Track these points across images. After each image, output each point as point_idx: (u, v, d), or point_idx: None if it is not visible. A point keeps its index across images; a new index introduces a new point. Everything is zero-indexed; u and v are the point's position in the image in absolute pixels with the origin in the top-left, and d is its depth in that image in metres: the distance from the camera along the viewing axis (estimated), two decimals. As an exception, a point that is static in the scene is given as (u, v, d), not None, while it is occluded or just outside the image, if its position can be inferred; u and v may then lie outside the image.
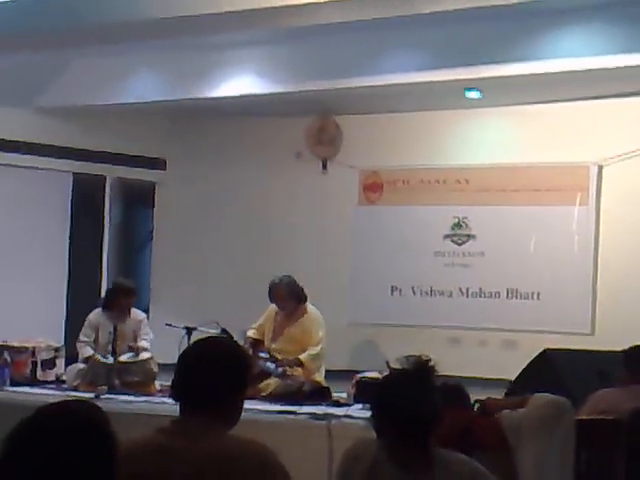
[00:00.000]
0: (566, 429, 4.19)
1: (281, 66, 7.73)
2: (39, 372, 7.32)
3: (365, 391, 6.07)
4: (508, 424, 4.00)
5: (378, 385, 3.05)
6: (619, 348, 5.10)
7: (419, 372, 2.92)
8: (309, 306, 7.12)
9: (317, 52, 7.52)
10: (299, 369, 6.93)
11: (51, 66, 8.32)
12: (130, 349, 7.21)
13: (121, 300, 7.30)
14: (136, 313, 7.50)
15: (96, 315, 7.41)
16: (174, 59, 7.99)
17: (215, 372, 2.68)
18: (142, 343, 7.34)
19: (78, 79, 8.31)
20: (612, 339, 6.47)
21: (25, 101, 8.46)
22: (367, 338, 8.50)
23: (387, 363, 3.06)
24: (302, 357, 6.92)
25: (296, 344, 7.02)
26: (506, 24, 6.84)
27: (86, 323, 7.41)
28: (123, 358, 7.17)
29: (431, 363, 2.95)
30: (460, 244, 8.34)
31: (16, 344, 7.32)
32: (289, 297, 7.04)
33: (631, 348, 4.97)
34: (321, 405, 6.34)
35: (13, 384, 6.99)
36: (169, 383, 2.81)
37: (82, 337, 7.35)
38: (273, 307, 7.21)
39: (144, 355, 7.24)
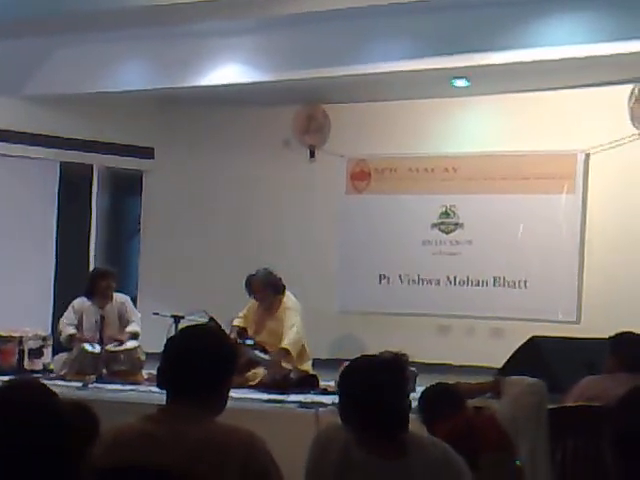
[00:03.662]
0: (545, 412, 4.22)
1: (269, 54, 7.71)
2: (26, 361, 7.32)
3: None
4: (503, 418, 4.00)
5: (342, 371, 3.02)
6: (605, 336, 5.12)
7: (385, 359, 2.90)
8: (286, 297, 7.11)
9: (305, 40, 7.50)
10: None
11: (38, 54, 8.27)
12: (115, 341, 7.20)
13: (100, 283, 7.31)
14: (118, 296, 7.51)
15: (80, 302, 7.43)
16: (162, 47, 7.95)
17: (201, 360, 2.68)
18: (131, 327, 7.34)
19: (65, 67, 8.26)
20: (598, 327, 6.49)
21: (12, 89, 8.41)
22: (355, 326, 8.51)
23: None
24: (285, 345, 6.89)
25: (277, 338, 7.02)
26: (494, 12, 6.83)
27: (70, 308, 7.44)
28: (110, 347, 7.17)
29: (404, 357, 2.92)
30: (448, 233, 8.35)
31: (3, 333, 7.32)
32: (265, 288, 7.06)
33: (617, 335, 4.98)
34: (309, 393, 6.36)
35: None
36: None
37: (64, 320, 7.37)
38: (254, 300, 7.22)
39: (131, 344, 7.24)
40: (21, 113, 8.53)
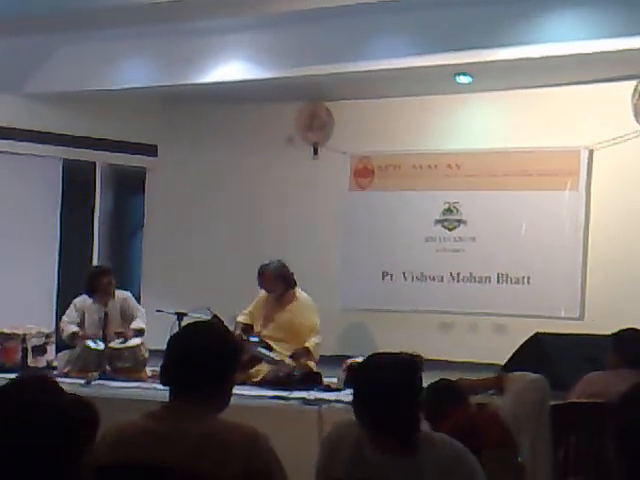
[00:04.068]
0: (547, 409, 4.22)
1: (272, 52, 7.71)
2: (30, 358, 7.32)
3: (356, 376, 6.07)
4: (505, 414, 4.00)
5: (358, 367, 3.02)
6: (608, 332, 5.12)
7: (400, 359, 2.89)
8: (299, 292, 7.13)
9: (309, 37, 7.50)
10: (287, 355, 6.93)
11: (40, 52, 8.27)
12: (118, 335, 7.21)
13: (102, 280, 7.32)
14: (120, 292, 7.51)
15: (81, 300, 7.43)
16: (164, 44, 7.96)
17: (204, 357, 2.69)
18: (136, 324, 7.34)
19: (68, 65, 8.27)
20: (601, 323, 6.49)
21: (14, 87, 8.42)
22: (358, 323, 8.51)
23: None
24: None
25: (286, 331, 7.03)
26: (497, 8, 6.82)
27: (71, 307, 7.44)
28: (114, 344, 7.18)
29: (418, 358, 2.92)
30: (451, 229, 8.35)
31: (6, 330, 7.32)
32: (277, 280, 7.06)
33: (621, 331, 4.98)
34: (312, 390, 6.36)
35: (3, 370, 6.97)
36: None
37: (65, 318, 7.39)
38: (263, 293, 7.22)
39: (135, 341, 7.24)
40: (23, 111, 8.53)
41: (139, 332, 7.34)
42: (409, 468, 2.78)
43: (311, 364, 6.99)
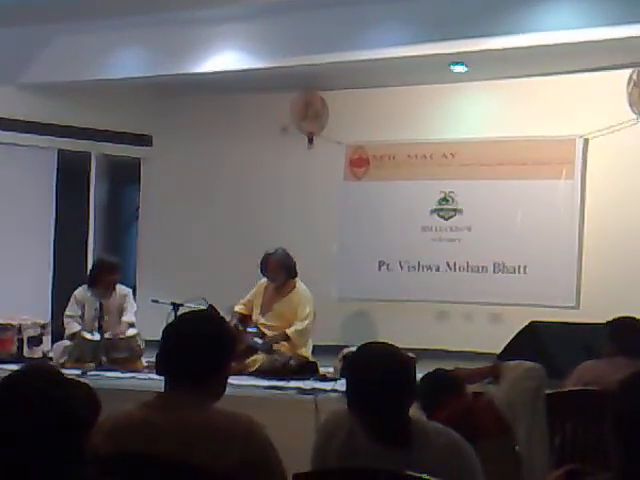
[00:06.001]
0: (543, 397, 4.22)
1: (266, 41, 7.69)
2: (25, 349, 7.30)
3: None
4: (500, 403, 4.00)
5: (351, 357, 3.01)
6: (604, 321, 5.12)
7: (393, 346, 2.88)
8: (298, 282, 7.14)
9: (303, 27, 7.49)
10: (285, 344, 6.95)
11: (34, 42, 8.25)
12: (113, 336, 7.16)
13: (106, 276, 7.27)
14: (121, 288, 7.47)
15: (81, 292, 7.39)
16: (159, 34, 7.94)
17: (199, 346, 2.69)
18: (127, 317, 7.31)
19: (62, 55, 8.25)
20: (597, 312, 6.49)
21: (9, 77, 8.39)
22: (355, 313, 8.52)
23: None
24: (289, 331, 6.94)
25: (284, 320, 7.04)
26: (492, -3, 6.82)
27: (72, 299, 7.39)
28: (109, 335, 7.16)
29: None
30: (447, 219, 8.35)
31: (2, 321, 7.30)
32: (281, 269, 7.06)
33: (616, 320, 4.99)
34: (308, 380, 6.36)
35: (-1, 361, 6.96)
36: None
37: (69, 312, 7.34)
38: (263, 282, 7.22)
39: (131, 332, 7.23)
40: (18, 101, 8.50)
41: (130, 325, 7.32)
42: (403, 458, 2.77)
43: (306, 354, 7.00)
